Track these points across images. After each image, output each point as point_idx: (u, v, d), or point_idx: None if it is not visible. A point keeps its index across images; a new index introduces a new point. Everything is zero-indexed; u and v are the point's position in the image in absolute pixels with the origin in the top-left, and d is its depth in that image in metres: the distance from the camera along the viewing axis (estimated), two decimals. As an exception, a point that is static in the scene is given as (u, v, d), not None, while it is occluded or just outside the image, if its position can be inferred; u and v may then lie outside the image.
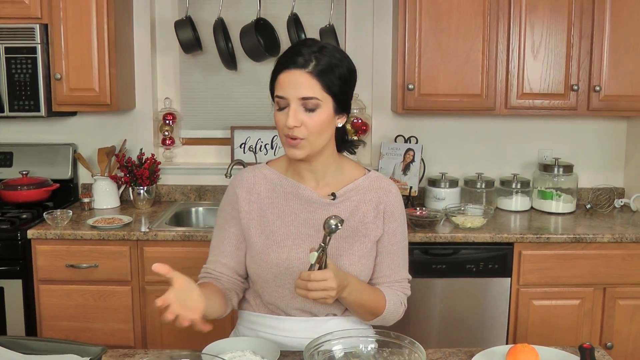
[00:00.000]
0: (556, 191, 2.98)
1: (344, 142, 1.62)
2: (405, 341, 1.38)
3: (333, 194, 1.57)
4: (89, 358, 1.39)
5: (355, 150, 1.67)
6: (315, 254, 1.37)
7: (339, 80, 1.48)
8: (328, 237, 1.37)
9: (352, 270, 1.54)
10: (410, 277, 1.68)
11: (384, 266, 1.62)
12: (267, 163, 1.65)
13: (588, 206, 3.04)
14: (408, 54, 2.82)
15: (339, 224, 1.36)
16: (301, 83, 1.44)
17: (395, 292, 1.62)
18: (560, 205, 2.98)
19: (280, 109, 1.47)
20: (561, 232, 2.64)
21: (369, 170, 1.65)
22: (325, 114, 1.47)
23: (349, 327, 1.57)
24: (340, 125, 1.55)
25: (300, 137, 1.46)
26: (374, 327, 1.64)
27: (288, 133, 1.46)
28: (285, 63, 1.47)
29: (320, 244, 1.37)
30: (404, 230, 1.65)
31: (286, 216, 1.56)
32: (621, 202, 3.06)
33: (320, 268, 1.38)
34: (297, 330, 1.56)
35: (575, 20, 2.79)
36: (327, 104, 1.47)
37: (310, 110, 1.45)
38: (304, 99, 1.44)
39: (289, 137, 1.46)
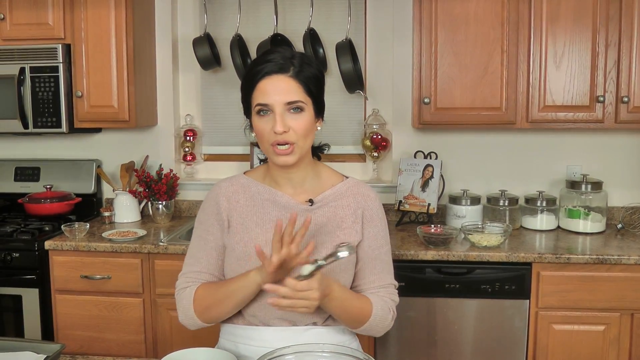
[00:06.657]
0: (584, 210, 2.80)
1: (314, 148, 1.63)
2: (361, 356, 1.33)
3: (310, 200, 1.56)
4: (46, 355, 1.41)
5: (320, 154, 1.65)
6: (310, 268, 1.36)
7: (316, 82, 1.49)
8: (332, 259, 1.37)
9: (330, 276, 1.50)
10: (396, 283, 1.64)
11: (367, 272, 1.59)
12: (244, 173, 1.66)
13: (619, 226, 2.84)
14: (424, 67, 2.75)
15: (350, 251, 1.38)
16: (284, 88, 1.45)
17: (382, 298, 1.58)
18: (589, 224, 2.79)
19: (261, 116, 1.46)
20: (586, 252, 2.47)
21: (347, 177, 1.64)
22: (309, 117, 1.48)
23: (330, 337, 1.55)
24: (319, 129, 1.55)
25: (290, 142, 1.45)
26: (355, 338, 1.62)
27: (277, 139, 1.44)
28: (265, 70, 1.46)
29: (316, 259, 1.37)
30: (386, 234, 1.63)
31: (265, 223, 1.56)
32: (658, 222, 2.84)
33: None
34: (275, 340, 1.53)
35: (600, 29, 2.64)
36: (309, 107, 1.48)
37: (296, 114, 1.45)
38: (289, 103, 1.44)
39: (277, 145, 1.45)
